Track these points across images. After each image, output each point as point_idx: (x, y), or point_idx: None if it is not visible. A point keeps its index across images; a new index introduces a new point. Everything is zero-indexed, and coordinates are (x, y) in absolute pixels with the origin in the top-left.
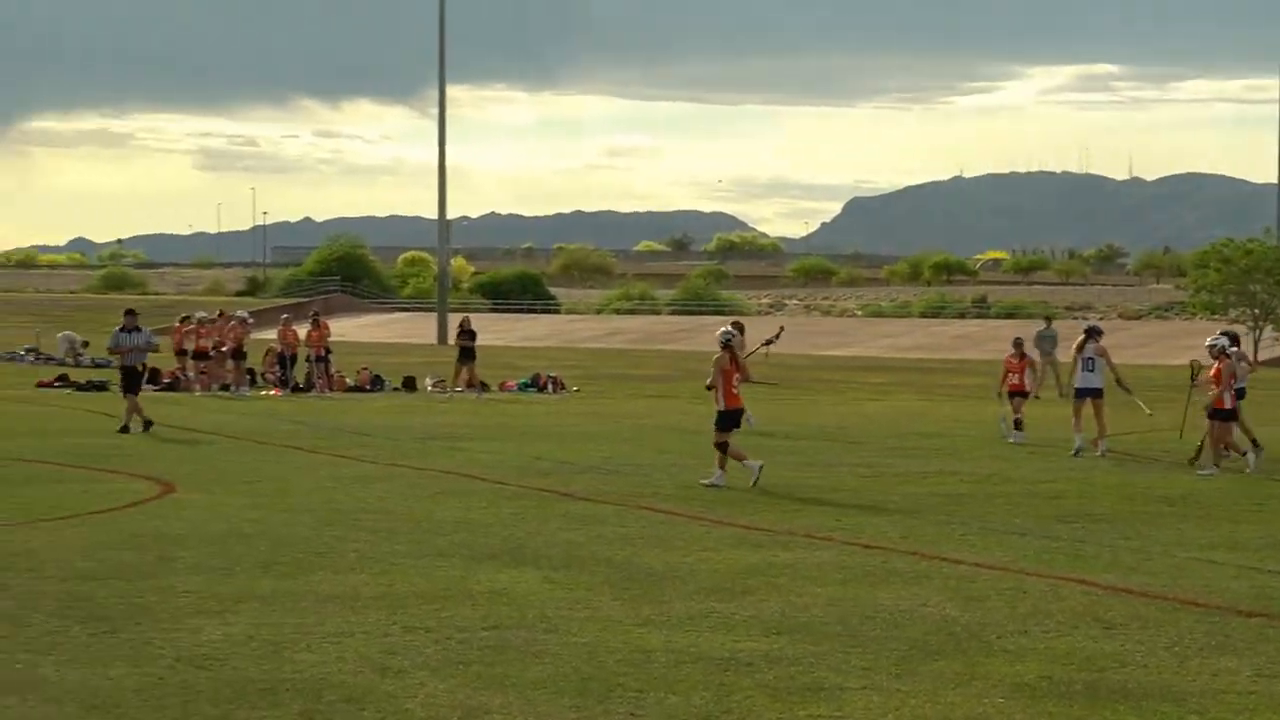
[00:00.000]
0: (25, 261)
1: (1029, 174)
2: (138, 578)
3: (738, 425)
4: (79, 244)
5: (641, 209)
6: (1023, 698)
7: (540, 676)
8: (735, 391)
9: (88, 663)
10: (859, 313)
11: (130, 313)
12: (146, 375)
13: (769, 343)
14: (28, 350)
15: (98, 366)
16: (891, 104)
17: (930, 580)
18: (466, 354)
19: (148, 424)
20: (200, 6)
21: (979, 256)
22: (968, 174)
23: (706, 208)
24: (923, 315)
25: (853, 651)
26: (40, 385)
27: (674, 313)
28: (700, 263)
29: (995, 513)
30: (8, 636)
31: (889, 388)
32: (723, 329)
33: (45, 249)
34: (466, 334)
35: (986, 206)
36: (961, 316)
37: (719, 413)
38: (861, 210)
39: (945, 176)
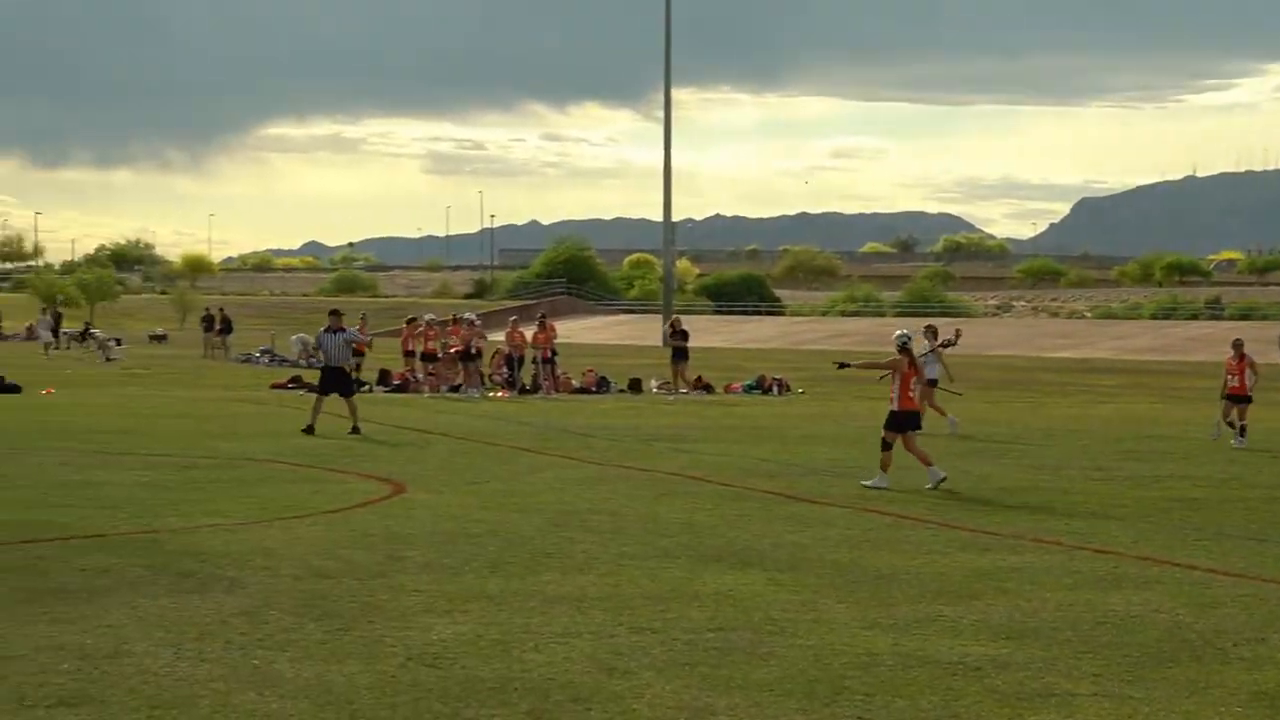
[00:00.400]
0: (261, 265)
1: (1265, 172)
2: (369, 576)
3: (916, 427)
4: (312, 248)
5: (867, 210)
6: (1261, 707)
7: (766, 678)
8: (911, 395)
9: (322, 659)
10: (1088, 314)
11: (334, 313)
12: (361, 375)
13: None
14: (263, 352)
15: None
16: (1122, 103)
17: (1163, 586)
18: (679, 354)
19: (310, 428)
20: (431, 13)
21: (1213, 257)
22: (1201, 173)
23: (932, 209)
24: (1154, 317)
25: (1083, 657)
26: (274, 387)
27: (899, 314)
28: (926, 264)
29: (1231, 518)
30: (246, 633)
31: (1120, 390)
32: (899, 332)
33: (280, 253)
34: (679, 334)
35: (1220, 206)
36: (1194, 318)
37: (892, 413)
38: (1091, 210)
39: (1177, 176)
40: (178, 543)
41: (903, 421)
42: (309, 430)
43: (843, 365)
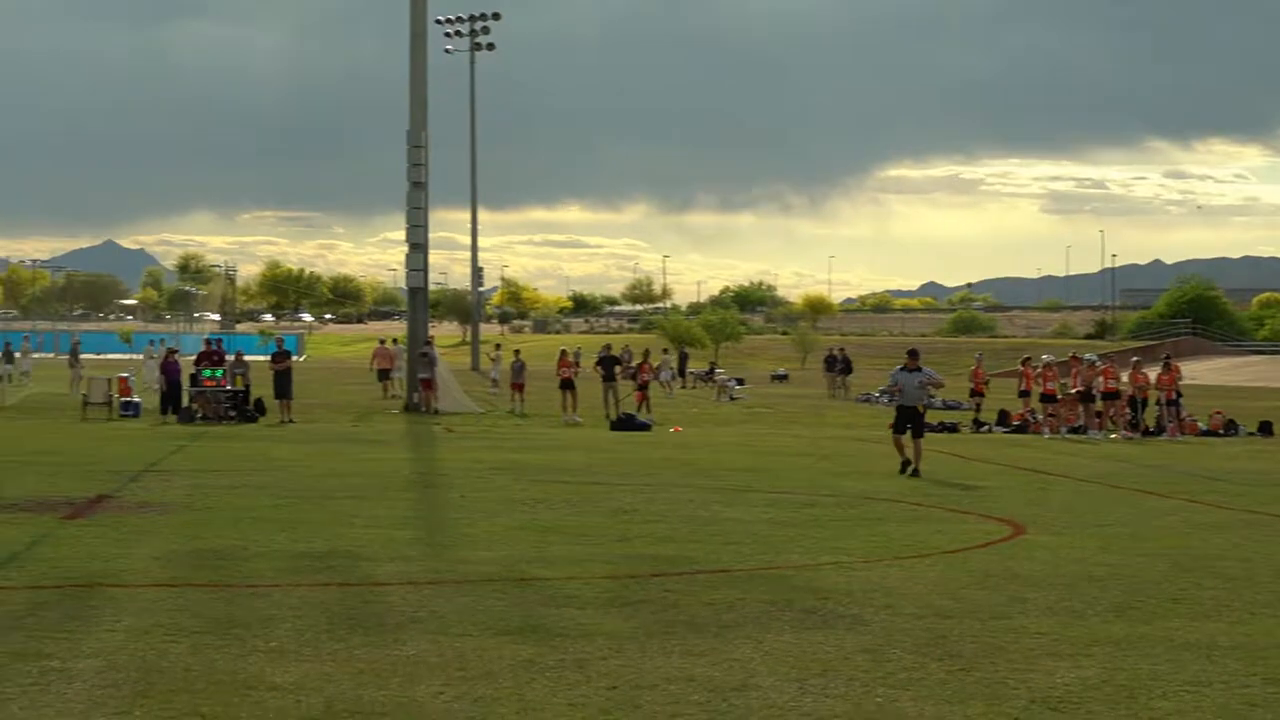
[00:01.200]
0: (880, 306)
1: None
2: (990, 617)
3: None
4: (930, 288)
5: None
6: None
7: None
8: None
9: (944, 700)
10: None
11: (912, 353)
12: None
13: None
14: (882, 392)
15: (948, 408)
16: None
17: None
18: None
19: (908, 466)
20: (1050, 51)
21: None
22: None
23: None
24: None
25: None
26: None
27: None
28: None
29: None
30: (868, 671)
31: None
32: None
33: (898, 293)
34: None
35: None
36: None
37: None
38: None
39: None
40: (800, 579)
41: None
42: (909, 469)
43: None
